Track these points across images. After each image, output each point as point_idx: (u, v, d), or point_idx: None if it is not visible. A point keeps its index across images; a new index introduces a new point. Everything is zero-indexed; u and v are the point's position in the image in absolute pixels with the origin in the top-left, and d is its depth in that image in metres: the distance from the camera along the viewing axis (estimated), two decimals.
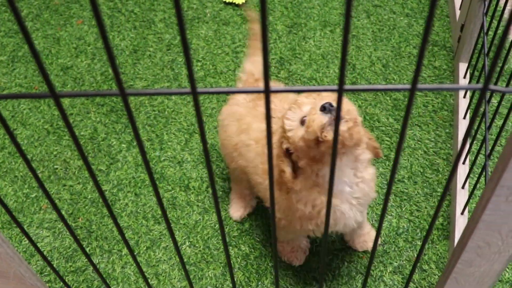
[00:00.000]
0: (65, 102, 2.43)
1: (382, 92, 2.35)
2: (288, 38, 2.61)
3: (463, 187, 1.95)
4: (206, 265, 1.94)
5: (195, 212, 2.06)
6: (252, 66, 1.87)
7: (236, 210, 2.02)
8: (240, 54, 2.57)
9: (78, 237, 1.95)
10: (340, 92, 0.72)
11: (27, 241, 2.03)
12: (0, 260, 1.21)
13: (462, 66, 2.30)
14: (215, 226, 2.02)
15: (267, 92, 0.73)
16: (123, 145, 2.26)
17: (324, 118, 1.35)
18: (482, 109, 2.06)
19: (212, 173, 0.84)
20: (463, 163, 2.01)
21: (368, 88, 0.78)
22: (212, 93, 0.76)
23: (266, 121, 0.75)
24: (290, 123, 1.44)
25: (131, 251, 1.11)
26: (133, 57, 2.60)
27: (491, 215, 1.10)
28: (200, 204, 2.08)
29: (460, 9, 2.41)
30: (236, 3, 2.77)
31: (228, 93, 0.76)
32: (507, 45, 2.33)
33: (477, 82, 1.97)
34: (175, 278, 1.91)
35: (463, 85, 0.82)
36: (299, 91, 0.77)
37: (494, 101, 2.24)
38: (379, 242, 1.93)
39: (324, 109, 1.36)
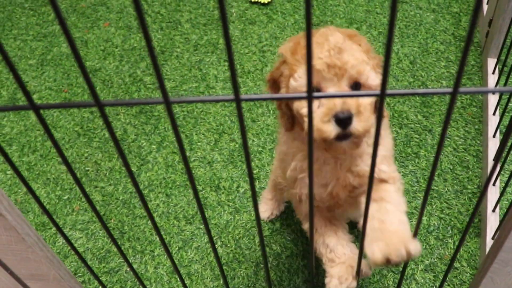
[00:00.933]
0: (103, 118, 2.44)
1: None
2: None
3: (494, 184, 1.95)
4: (238, 265, 1.95)
5: (226, 212, 2.07)
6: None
7: (265, 210, 2.03)
8: (266, 54, 2.58)
9: (110, 239, 1.97)
10: (382, 96, 0.73)
11: (60, 243, 2.05)
12: (41, 264, 1.23)
13: (491, 62, 2.29)
14: (246, 225, 2.03)
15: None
16: (153, 146, 2.28)
17: (334, 130, 1.23)
18: None
19: (252, 174, 0.85)
20: (494, 159, 2.00)
21: (410, 92, 0.78)
22: (255, 99, 0.77)
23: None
24: (295, 85, 1.30)
25: (167, 249, 1.12)
26: (160, 58, 2.62)
27: None
28: (231, 204, 2.09)
29: (488, 3, 2.39)
30: (262, 2, 2.77)
31: (269, 99, 0.76)
32: None
33: (507, 78, 1.96)
34: (207, 278, 1.93)
35: (503, 87, 0.82)
36: (341, 96, 0.77)
37: None
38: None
39: (339, 122, 1.22)
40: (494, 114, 2.10)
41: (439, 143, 0.82)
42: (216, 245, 1.99)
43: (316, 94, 0.75)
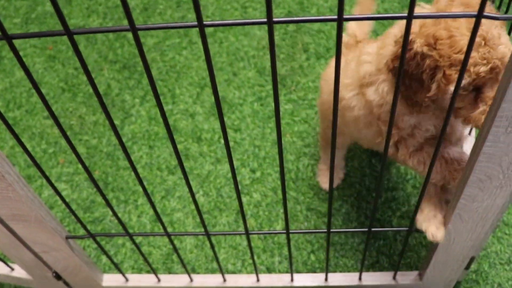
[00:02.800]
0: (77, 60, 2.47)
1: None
2: None
3: (470, 133, 1.99)
4: (219, 213, 1.99)
5: (207, 162, 2.11)
6: (356, 27, 1.77)
7: (325, 182, 2.03)
8: (248, 9, 2.60)
9: (95, 189, 2.01)
10: (340, 21, 0.76)
11: (46, 195, 2.09)
12: (22, 204, 1.26)
13: None
14: (227, 175, 2.07)
15: (269, 23, 0.77)
16: (136, 100, 2.31)
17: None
18: None
19: (224, 123, 0.89)
20: None
21: (368, 17, 0.82)
22: (218, 25, 0.81)
23: (270, 53, 0.80)
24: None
25: (149, 197, 1.17)
26: (144, 15, 2.64)
27: (491, 147, 1.13)
28: (212, 154, 2.13)
29: None
30: None
31: (233, 25, 0.80)
32: None
33: None
34: (189, 225, 1.98)
35: (460, 12, 0.85)
36: (301, 21, 0.82)
37: None
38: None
39: None
40: None
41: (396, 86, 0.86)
42: (198, 194, 2.03)
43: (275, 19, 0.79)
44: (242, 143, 2.15)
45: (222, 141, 2.16)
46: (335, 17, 0.80)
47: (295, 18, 0.81)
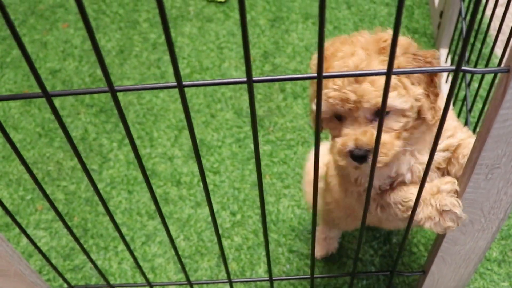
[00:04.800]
0: (55, 104, 2.46)
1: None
2: (271, 32, 2.65)
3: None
4: (200, 257, 1.98)
5: (187, 206, 2.10)
6: None
7: (319, 250, 1.96)
8: (224, 50, 2.61)
9: (72, 237, 1.99)
10: (320, 79, 0.77)
11: (24, 243, 2.07)
12: (0, 259, 1.24)
13: (443, 52, 2.35)
14: (207, 219, 2.07)
15: (249, 82, 0.77)
16: (114, 144, 2.30)
17: (352, 164, 1.21)
18: (463, 93, 2.12)
19: (202, 166, 0.89)
20: None
21: (345, 74, 0.83)
22: (198, 85, 0.81)
23: (250, 111, 0.80)
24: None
25: (127, 245, 1.16)
26: (120, 58, 2.64)
27: (472, 193, 1.15)
28: (192, 198, 2.12)
29: None
30: (219, 0, 2.81)
31: (212, 85, 0.80)
32: (484, 26, 2.39)
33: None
34: (171, 271, 1.96)
35: (437, 67, 0.86)
36: (280, 80, 0.82)
37: (475, 84, 2.28)
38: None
39: (355, 158, 1.19)
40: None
41: (379, 124, 0.86)
42: (178, 239, 2.02)
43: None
44: (221, 186, 2.14)
45: (201, 184, 2.15)
46: (315, 75, 0.80)
47: (275, 77, 0.82)
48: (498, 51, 2.29)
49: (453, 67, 0.83)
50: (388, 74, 0.80)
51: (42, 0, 2.94)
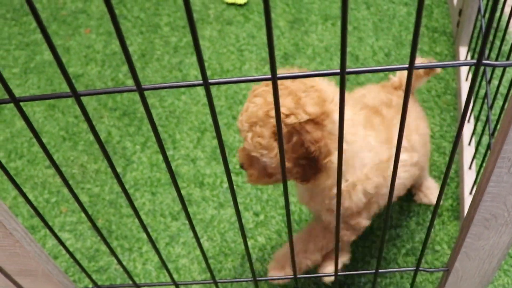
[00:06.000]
0: (79, 108, 2.49)
1: (387, 80, 2.40)
2: (291, 33, 2.67)
3: (470, 168, 2.00)
4: (224, 258, 1.99)
5: (210, 207, 2.12)
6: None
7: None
8: (244, 52, 2.63)
9: (99, 237, 2.02)
10: (343, 75, 0.78)
11: (50, 244, 2.09)
12: (29, 259, 1.26)
13: (463, 50, 2.35)
14: (231, 219, 2.08)
15: (274, 79, 0.79)
16: (137, 146, 2.33)
17: None
18: (484, 91, 2.12)
19: (228, 166, 0.90)
20: (469, 144, 2.06)
21: (369, 70, 0.84)
22: (223, 83, 0.82)
23: (275, 108, 0.81)
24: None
25: (154, 245, 1.17)
26: (141, 61, 2.66)
27: (495, 187, 1.15)
28: (215, 199, 2.14)
29: None
30: (238, 3, 2.82)
31: (237, 82, 0.81)
32: (503, 24, 2.38)
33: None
34: (195, 272, 1.98)
35: (457, 61, 0.87)
36: (305, 76, 0.83)
37: (496, 82, 2.28)
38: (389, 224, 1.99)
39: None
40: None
41: (401, 121, 0.87)
42: (202, 239, 2.04)
43: (279, 75, 0.81)
44: (244, 187, 2.16)
45: (225, 185, 2.17)
46: (338, 71, 0.81)
47: (300, 73, 0.83)
48: None
49: (474, 61, 0.83)
50: (410, 69, 0.80)
51: (64, 6, 2.97)
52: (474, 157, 1.97)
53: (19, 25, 2.96)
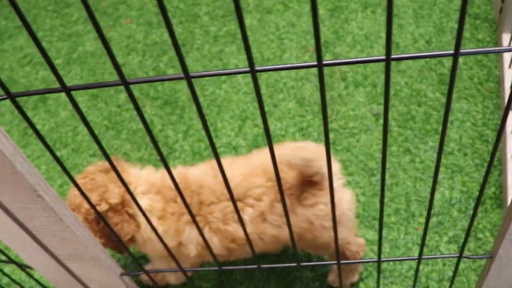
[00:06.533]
0: (121, 98, 2.53)
1: (427, 68, 2.39)
2: (331, 21, 2.67)
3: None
4: None
5: None
6: None
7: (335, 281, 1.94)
8: (284, 41, 2.63)
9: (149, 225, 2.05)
10: (388, 62, 0.78)
11: None
12: (79, 244, 1.29)
13: (506, 37, 2.33)
14: None
15: (320, 65, 0.80)
16: (179, 135, 2.35)
17: None
18: None
19: (273, 153, 0.91)
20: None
21: (414, 56, 0.84)
22: (270, 70, 0.83)
23: (321, 95, 0.82)
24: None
25: (201, 233, 1.19)
26: (182, 51, 2.68)
27: None
28: None
29: None
30: None
31: (284, 69, 0.82)
32: None
33: None
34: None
35: (503, 47, 0.87)
36: (349, 63, 0.83)
37: None
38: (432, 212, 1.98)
39: None
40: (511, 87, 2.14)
41: (446, 108, 0.88)
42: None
43: (325, 62, 0.81)
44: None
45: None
46: (383, 57, 0.81)
47: (345, 61, 0.84)
48: None
49: None
50: (456, 55, 0.81)
51: None
52: None
53: (60, 17, 3.01)
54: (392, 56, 0.81)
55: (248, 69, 0.83)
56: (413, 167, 2.12)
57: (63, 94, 2.65)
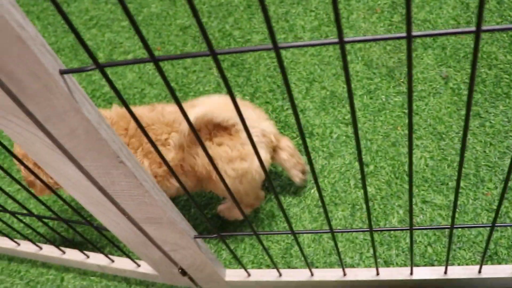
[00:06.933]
0: (188, 60, 2.54)
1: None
2: None
3: None
4: (334, 207, 2.02)
5: (320, 157, 2.14)
6: None
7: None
8: (351, 1, 2.60)
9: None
10: (478, 32, 0.77)
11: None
12: (156, 207, 1.32)
13: None
14: (340, 169, 2.10)
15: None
16: (246, 97, 2.36)
17: None
18: None
19: (356, 128, 0.91)
20: None
21: (434, 33, 0.82)
22: (360, 41, 0.83)
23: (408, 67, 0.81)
24: None
25: (276, 196, 1.20)
26: (247, 12, 2.68)
27: None
28: (325, 149, 2.16)
29: None
30: None
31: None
32: None
33: None
34: (306, 220, 2.01)
35: None
36: (438, 34, 0.82)
37: None
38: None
39: None
40: None
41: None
42: (312, 190, 2.07)
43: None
44: (353, 137, 2.16)
45: (334, 135, 2.18)
46: (473, 29, 0.80)
47: (436, 32, 0.82)
48: None
49: None
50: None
51: None
52: None
53: None
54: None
55: (337, 40, 0.82)
56: (483, 131, 2.09)
57: (130, 56, 2.68)
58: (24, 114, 0.97)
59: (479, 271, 1.68)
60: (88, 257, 1.97)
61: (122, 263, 1.93)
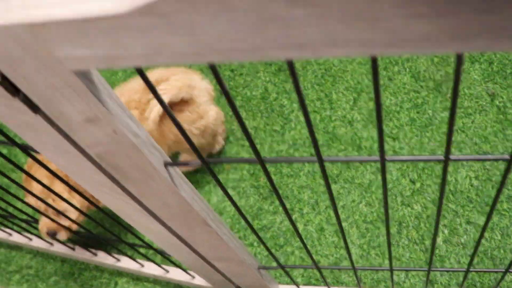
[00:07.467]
0: (234, 63, 2.57)
1: None
2: None
3: None
4: (382, 224, 2.08)
5: (368, 172, 2.19)
6: None
7: None
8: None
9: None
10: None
11: (215, 201, 2.23)
12: (229, 251, 1.39)
13: None
14: (389, 185, 2.15)
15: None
16: (294, 104, 2.40)
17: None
18: None
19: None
20: None
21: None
22: None
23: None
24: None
25: (335, 210, 1.26)
26: None
27: None
28: (373, 163, 2.20)
29: None
30: None
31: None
32: None
33: None
34: (354, 235, 2.07)
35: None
36: None
37: None
38: None
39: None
40: None
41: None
42: (360, 204, 2.12)
43: None
44: (400, 152, 2.21)
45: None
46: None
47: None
48: None
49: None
50: None
51: None
52: None
53: None
54: None
55: None
56: None
57: None
58: (120, 190, 1.03)
59: None
60: (142, 266, 2.05)
61: (176, 274, 2.01)
